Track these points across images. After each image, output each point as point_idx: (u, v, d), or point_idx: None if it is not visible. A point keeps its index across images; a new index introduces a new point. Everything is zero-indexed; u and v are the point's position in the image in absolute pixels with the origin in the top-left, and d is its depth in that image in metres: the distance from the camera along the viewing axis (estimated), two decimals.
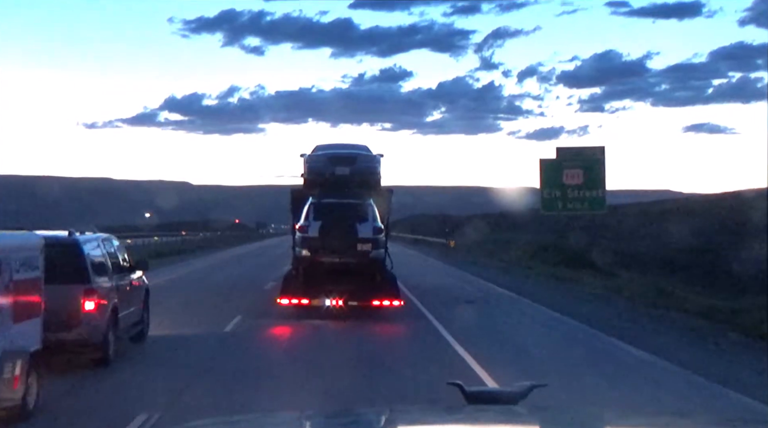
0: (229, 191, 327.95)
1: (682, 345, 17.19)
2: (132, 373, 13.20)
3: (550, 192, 37.58)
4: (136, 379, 12.78)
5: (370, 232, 20.44)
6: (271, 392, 11.61)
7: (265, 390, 11.73)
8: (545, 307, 23.76)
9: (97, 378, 12.48)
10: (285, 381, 12.64)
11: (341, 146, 24.09)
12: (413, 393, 11.64)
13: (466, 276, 35.88)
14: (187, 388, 11.91)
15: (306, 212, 20.77)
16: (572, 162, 37.53)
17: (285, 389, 11.84)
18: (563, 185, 37.20)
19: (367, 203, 20.99)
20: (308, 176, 22.54)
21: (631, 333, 18.54)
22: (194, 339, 16.81)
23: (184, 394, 11.47)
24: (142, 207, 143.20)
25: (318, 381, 12.32)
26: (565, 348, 16.90)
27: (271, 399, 11.09)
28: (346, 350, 15.94)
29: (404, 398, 11.32)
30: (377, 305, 20.47)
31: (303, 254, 20.53)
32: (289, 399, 11.06)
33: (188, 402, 10.93)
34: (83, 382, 12.07)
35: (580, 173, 37.05)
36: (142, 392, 11.73)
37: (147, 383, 12.42)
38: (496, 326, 20.03)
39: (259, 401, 10.85)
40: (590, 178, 37.17)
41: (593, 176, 37.26)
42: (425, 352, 15.83)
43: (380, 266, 20.88)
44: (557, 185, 37.26)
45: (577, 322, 20.46)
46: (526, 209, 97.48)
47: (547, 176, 37.56)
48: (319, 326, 19.00)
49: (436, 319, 20.30)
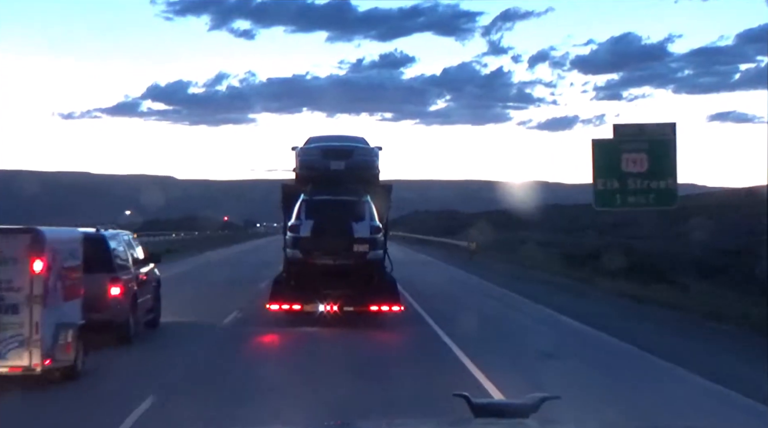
0: (216, 187, 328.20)
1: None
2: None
3: (606, 182, 32.24)
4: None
5: (367, 232, 20.27)
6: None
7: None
8: (703, 377, 14.46)
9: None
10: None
11: (336, 138, 23.86)
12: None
13: (512, 298, 28.64)
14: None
15: (297, 210, 20.60)
16: (633, 143, 32.10)
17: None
18: (622, 173, 31.93)
19: (363, 200, 20.79)
20: (300, 171, 22.32)
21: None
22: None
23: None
24: (123, 204, 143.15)
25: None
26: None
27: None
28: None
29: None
30: (375, 310, 20.34)
31: (294, 256, 20.42)
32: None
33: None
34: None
35: (644, 158, 31.86)
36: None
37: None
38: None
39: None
40: (657, 164, 31.86)
41: (661, 162, 31.99)
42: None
43: (378, 268, 20.72)
44: (615, 173, 31.99)
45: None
46: (536, 204, 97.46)
47: (602, 161, 32.24)
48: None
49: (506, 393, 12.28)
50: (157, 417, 11.11)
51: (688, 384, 14.05)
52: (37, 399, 12.08)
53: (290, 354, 17.32)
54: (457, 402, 4.14)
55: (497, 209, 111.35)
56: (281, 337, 19.32)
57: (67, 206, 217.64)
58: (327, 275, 20.22)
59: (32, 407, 11.77)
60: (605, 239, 46.96)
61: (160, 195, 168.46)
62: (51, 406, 11.81)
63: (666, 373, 15.05)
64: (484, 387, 12.92)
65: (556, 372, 14.60)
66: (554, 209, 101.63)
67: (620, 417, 10.85)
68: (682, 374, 14.87)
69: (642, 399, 12.66)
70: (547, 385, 12.18)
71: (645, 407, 12.01)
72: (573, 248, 42.77)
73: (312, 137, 23.56)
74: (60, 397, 12.31)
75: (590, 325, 21.30)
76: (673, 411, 11.82)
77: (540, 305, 25.99)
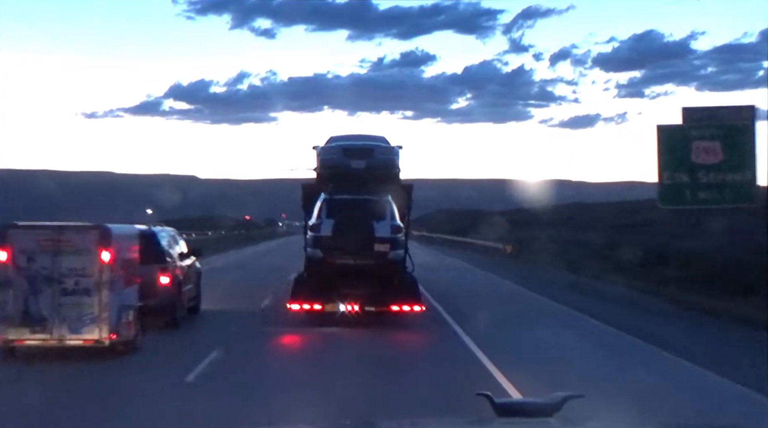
0: (238, 186, 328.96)
1: None
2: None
3: (673, 175, 28.28)
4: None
5: (388, 231, 20.24)
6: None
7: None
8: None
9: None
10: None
11: (357, 137, 23.79)
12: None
13: (588, 325, 21.66)
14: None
15: (318, 209, 20.61)
16: (705, 130, 28.25)
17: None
18: (693, 164, 28.04)
19: (384, 199, 20.78)
20: (321, 170, 22.24)
21: None
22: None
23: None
24: (145, 203, 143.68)
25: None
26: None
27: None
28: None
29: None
30: (396, 310, 20.29)
31: (315, 255, 20.40)
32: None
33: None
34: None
35: (718, 147, 27.93)
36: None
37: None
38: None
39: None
40: (733, 153, 27.95)
41: (737, 151, 28.06)
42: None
43: (399, 268, 20.67)
44: (684, 164, 28.14)
45: None
46: (560, 203, 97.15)
47: (668, 151, 28.28)
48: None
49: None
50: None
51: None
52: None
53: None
54: (480, 401, 4.12)
55: (519, 207, 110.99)
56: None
57: (90, 206, 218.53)
58: (348, 275, 20.17)
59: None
60: (610, 239, 45.61)
61: (181, 194, 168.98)
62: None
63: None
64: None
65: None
66: (578, 208, 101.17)
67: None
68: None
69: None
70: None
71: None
72: (619, 252, 39.07)
73: (333, 136, 23.51)
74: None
75: (717, 372, 14.75)
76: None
77: (641, 341, 18.42)
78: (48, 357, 15.21)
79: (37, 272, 15.25)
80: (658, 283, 29.70)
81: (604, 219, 69.34)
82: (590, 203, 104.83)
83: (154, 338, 17.14)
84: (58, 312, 15.16)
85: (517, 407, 4.15)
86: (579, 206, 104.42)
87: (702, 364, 15.46)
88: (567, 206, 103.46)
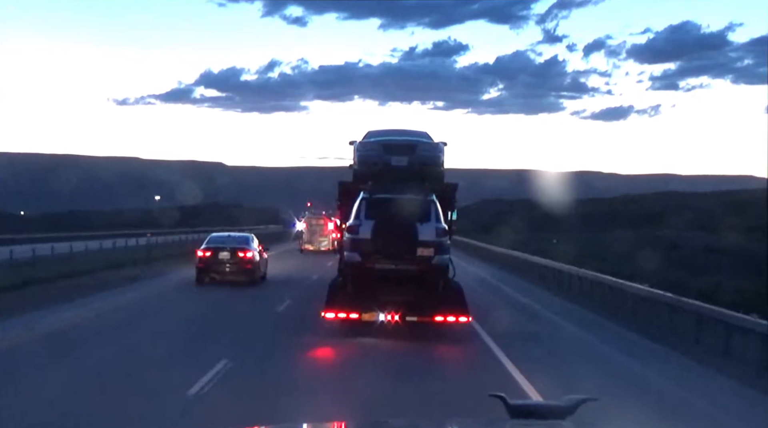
0: (266, 173, 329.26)
1: None
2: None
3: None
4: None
5: (433, 234, 19.23)
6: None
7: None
8: None
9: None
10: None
11: (398, 133, 22.88)
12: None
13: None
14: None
15: (357, 209, 19.68)
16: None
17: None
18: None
19: (429, 199, 19.76)
20: (359, 167, 21.41)
21: None
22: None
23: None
24: (167, 190, 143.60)
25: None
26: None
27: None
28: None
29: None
30: (440, 321, 19.38)
31: (352, 259, 19.51)
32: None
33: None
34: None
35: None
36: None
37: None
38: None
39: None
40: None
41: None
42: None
43: (444, 274, 19.78)
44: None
45: None
46: (595, 197, 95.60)
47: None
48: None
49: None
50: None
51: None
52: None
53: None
54: (495, 402, 4.16)
55: (590, 198, 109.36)
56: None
57: (111, 192, 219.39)
58: (388, 281, 19.32)
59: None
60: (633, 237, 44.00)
61: (206, 181, 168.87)
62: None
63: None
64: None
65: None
66: (618, 202, 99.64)
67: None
68: None
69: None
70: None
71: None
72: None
73: (371, 131, 22.63)
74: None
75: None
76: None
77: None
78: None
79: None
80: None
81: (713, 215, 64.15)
82: (635, 195, 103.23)
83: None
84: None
85: (530, 409, 4.24)
86: (620, 199, 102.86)
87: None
88: (610, 200, 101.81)
